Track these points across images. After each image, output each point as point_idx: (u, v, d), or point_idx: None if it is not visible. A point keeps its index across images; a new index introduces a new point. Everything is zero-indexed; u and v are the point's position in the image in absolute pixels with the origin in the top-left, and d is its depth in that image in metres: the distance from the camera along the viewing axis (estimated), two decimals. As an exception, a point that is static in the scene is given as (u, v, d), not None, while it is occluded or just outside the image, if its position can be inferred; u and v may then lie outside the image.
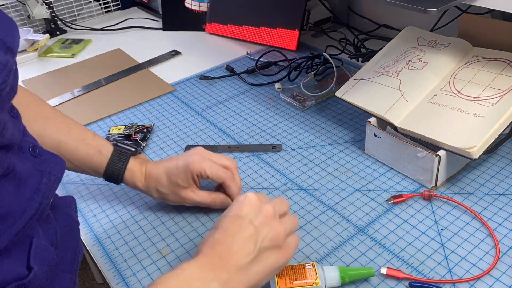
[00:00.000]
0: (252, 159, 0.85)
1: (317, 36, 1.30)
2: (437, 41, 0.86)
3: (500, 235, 0.66)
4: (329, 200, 0.75)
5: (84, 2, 1.51)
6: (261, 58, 1.14)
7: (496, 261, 0.62)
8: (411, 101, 0.78)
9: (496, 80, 0.74)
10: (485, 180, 0.76)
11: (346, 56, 1.14)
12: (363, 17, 1.30)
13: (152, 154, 0.88)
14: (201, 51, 1.26)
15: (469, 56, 0.81)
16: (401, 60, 0.86)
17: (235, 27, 1.30)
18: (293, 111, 0.98)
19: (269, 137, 0.91)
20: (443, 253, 0.64)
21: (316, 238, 0.68)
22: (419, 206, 0.72)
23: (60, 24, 1.44)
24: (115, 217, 0.75)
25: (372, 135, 0.80)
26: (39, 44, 1.30)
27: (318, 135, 0.90)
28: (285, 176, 0.81)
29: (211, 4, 1.34)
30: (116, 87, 1.12)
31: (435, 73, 0.81)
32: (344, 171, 0.81)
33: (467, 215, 0.70)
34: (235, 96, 1.05)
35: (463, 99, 0.74)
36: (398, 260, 0.64)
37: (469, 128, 0.70)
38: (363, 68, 0.89)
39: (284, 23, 1.22)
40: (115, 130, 0.95)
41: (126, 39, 1.38)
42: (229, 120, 0.97)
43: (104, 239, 0.71)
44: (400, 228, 0.69)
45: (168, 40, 1.35)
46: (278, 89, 1.05)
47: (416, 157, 0.74)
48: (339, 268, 0.60)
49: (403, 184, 0.77)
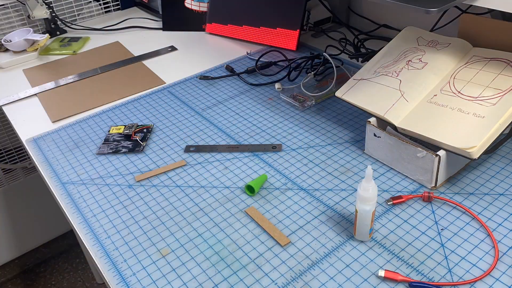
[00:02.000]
0: (252, 159, 0.85)
1: (317, 36, 1.30)
2: (437, 41, 0.86)
3: (500, 235, 0.66)
4: (329, 200, 0.75)
5: (84, 2, 1.51)
6: (261, 58, 1.14)
7: (496, 262, 0.62)
8: (411, 101, 0.78)
9: (496, 80, 0.74)
10: (485, 180, 0.76)
11: (346, 56, 1.14)
12: (363, 17, 1.30)
13: (152, 154, 0.88)
14: (201, 51, 1.26)
15: (469, 56, 0.81)
16: (401, 60, 0.86)
17: (235, 27, 1.30)
18: (293, 111, 0.98)
19: (269, 137, 0.91)
20: (443, 253, 0.64)
21: (316, 238, 0.68)
22: (419, 206, 0.72)
23: (60, 24, 1.44)
24: (115, 217, 0.75)
25: (372, 135, 0.80)
26: (39, 44, 1.30)
27: (318, 135, 0.90)
28: (285, 176, 0.81)
29: (211, 4, 1.34)
30: (109, 77, 1.18)
31: (435, 73, 0.81)
32: (344, 171, 0.81)
33: (467, 215, 0.70)
34: (235, 96, 1.05)
35: (463, 99, 0.74)
36: (398, 260, 0.64)
37: (469, 128, 0.70)
38: (363, 68, 0.89)
39: (284, 23, 1.22)
40: (115, 130, 0.95)
41: (125, 38, 1.39)
42: (229, 120, 0.97)
43: (104, 239, 0.71)
44: (400, 228, 0.69)
45: (168, 40, 1.35)
46: (278, 89, 1.05)
47: (416, 157, 0.74)
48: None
49: (403, 184, 0.77)
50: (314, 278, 0.62)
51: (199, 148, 0.89)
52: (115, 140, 0.92)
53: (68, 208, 0.78)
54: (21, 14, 1.40)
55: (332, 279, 0.62)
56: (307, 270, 0.63)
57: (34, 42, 1.30)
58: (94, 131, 0.96)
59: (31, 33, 1.30)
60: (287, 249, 0.67)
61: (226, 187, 0.79)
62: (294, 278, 0.62)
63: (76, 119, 1.01)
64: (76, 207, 0.78)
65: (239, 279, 0.63)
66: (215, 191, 0.78)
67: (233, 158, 0.86)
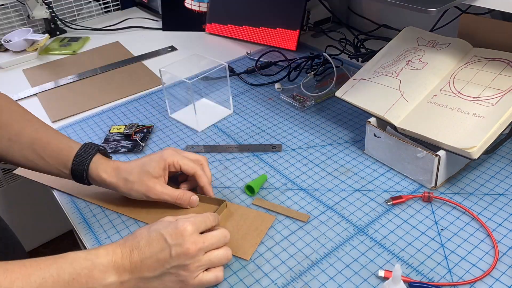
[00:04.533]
0: (252, 159, 0.85)
1: (317, 36, 1.30)
2: (437, 41, 0.86)
3: (500, 235, 0.66)
4: (329, 200, 0.75)
5: (84, 2, 1.51)
6: (261, 58, 1.14)
7: (496, 262, 0.62)
8: (411, 101, 0.78)
9: (496, 80, 0.74)
10: (485, 180, 0.76)
11: (346, 56, 1.14)
12: (363, 17, 1.30)
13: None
14: (201, 51, 1.26)
15: (469, 56, 0.81)
16: (401, 60, 0.86)
17: (235, 27, 1.30)
18: (293, 111, 0.98)
19: (269, 137, 0.91)
20: (443, 254, 0.64)
21: (316, 238, 0.68)
22: (419, 206, 0.72)
23: (60, 24, 1.44)
24: (115, 217, 0.75)
25: (372, 135, 0.80)
26: (39, 44, 1.30)
27: (318, 135, 0.90)
28: (285, 176, 0.81)
29: (211, 4, 1.34)
30: (109, 77, 1.18)
31: (435, 73, 0.81)
32: (344, 171, 0.81)
33: (467, 215, 0.70)
34: (235, 96, 1.05)
35: (463, 99, 0.74)
36: (398, 261, 0.64)
37: (469, 128, 0.70)
38: (363, 68, 0.89)
39: (284, 23, 1.22)
40: (116, 129, 0.95)
41: (125, 38, 1.39)
42: (229, 120, 0.97)
43: (104, 239, 0.71)
44: (400, 228, 0.69)
45: (167, 40, 1.35)
46: (278, 89, 1.05)
47: (416, 157, 0.74)
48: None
49: (403, 184, 0.77)
50: (314, 278, 0.62)
51: (199, 148, 0.89)
52: (115, 140, 0.92)
53: (68, 208, 0.78)
54: (21, 14, 1.40)
55: (332, 279, 0.62)
56: (307, 270, 0.63)
57: (34, 42, 1.30)
58: (94, 131, 0.96)
59: (31, 33, 1.30)
60: (287, 249, 0.67)
61: (226, 187, 0.79)
62: (294, 278, 0.62)
63: (76, 119, 1.01)
64: (76, 207, 0.78)
65: (239, 279, 0.63)
66: (215, 191, 0.78)
67: (233, 158, 0.86)
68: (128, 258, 0.57)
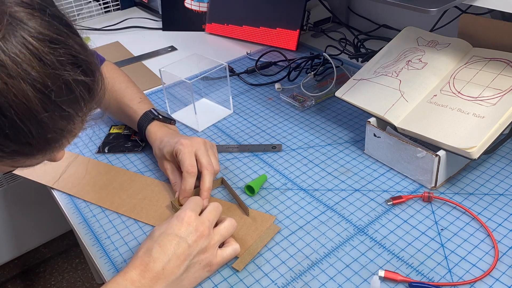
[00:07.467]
0: (252, 159, 0.85)
1: (317, 36, 1.30)
2: (437, 41, 0.86)
3: (500, 235, 0.66)
4: (329, 200, 0.75)
5: (83, 2, 1.51)
6: (261, 58, 1.14)
7: (496, 262, 0.62)
8: (411, 101, 0.78)
9: (496, 80, 0.74)
10: (485, 180, 0.76)
11: (346, 56, 1.14)
12: (363, 17, 1.30)
13: (151, 154, 0.88)
14: (201, 51, 1.26)
15: (469, 56, 0.81)
16: (401, 60, 0.86)
17: (235, 27, 1.30)
18: (293, 111, 0.98)
19: (269, 137, 0.91)
20: (443, 254, 0.64)
21: (316, 238, 0.68)
22: (419, 206, 0.72)
23: (60, 24, 1.43)
24: (115, 217, 0.75)
25: (372, 135, 0.80)
26: (39, 44, 1.29)
27: (318, 135, 0.90)
28: (285, 176, 0.81)
29: (211, 4, 1.34)
30: None
31: (435, 73, 0.81)
32: (344, 171, 0.81)
33: (467, 215, 0.70)
34: (235, 96, 1.05)
35: (463, 99, 0.74)
36: (398, 261, 0.64)
37: (469, 128, 0.70)
38: (363, 68, 0.89)
39: (284, 23, 1.22)
40: (116, 129, 0.95)
41: (125, 38, 1.39)
42: (229, 120, 0.97)
43: (104, 239, 0.71)
44: (400, 228, 0.69)
45: (167, 40, 1.35)
46: (278, 89, 1.05)
47: (416, 157, 0.74)
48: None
49: (403, 184, 0.77)
50: (314, 278, 0.62)
51: (199, 148, 0.89)
52: (115, 140, 0.92)
53: (68, 208, 0.78)
54: (21, 14, 1.40)
55: (332, 279, 0.62)
56: (307, 270, 0.63)
57: (34, 42, 1.30)
58: (94, 131, 0.96)
59: (31, 33, 1.30)
60: (287, 249, 0.67)
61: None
62: (294, 278, 0.62)
63: (76, 119, 1.01)
64: (76, 207, 0.78)
65: (239, 279, 0.63)
66: (215, 191, 0.78)
67: (233, 158, 0.86)
68: (146, 275, 0.57)
